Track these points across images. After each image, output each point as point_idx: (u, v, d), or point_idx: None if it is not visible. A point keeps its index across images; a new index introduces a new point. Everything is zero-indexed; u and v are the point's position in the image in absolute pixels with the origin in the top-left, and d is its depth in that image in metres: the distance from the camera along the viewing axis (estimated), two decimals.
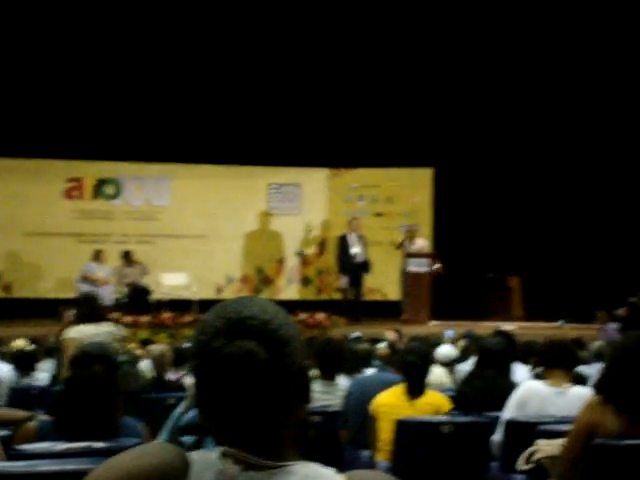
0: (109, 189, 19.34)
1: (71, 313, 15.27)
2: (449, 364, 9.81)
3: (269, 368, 1.65)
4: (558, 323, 16.53)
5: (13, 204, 18.58)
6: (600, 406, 4.35)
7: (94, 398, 4.04)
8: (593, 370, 8.56)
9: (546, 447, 4.74)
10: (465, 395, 6.63)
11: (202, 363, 1.68)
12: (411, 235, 17.60)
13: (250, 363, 1.65)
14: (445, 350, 10.22)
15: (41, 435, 4.03)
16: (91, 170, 19.18)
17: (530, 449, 4.88)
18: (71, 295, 16.87)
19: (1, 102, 17.80)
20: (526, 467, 4.89)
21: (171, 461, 1.64)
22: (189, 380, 5.64)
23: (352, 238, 17.62)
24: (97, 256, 17.02)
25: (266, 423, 1.68)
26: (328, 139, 18.87)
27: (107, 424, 4.04)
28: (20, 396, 8.92)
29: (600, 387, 4.63)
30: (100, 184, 19.30)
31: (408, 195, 19.94)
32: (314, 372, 6.92)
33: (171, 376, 8.87)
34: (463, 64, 18.48)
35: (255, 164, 19.27)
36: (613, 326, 14.84)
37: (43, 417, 4.44)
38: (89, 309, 8.47)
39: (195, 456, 1.68)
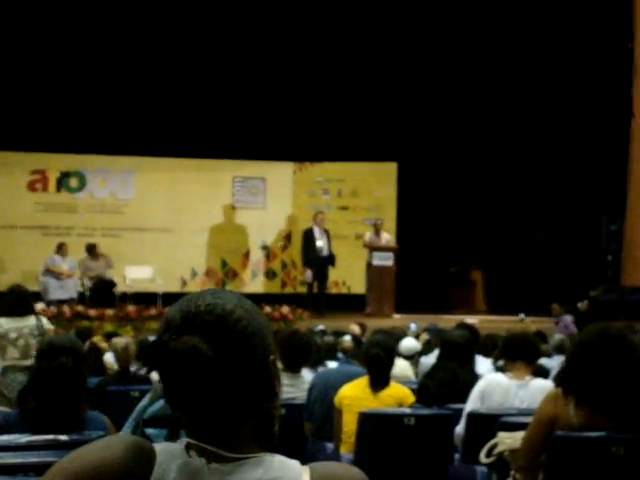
0: (73, 182, 19.24)
1: (37, 307, 15.25)
2: (412, 357, 9.87)
3: (216, 364, 1.65)
4: (519, 316, 16.66)
5: None
6: (560, 398, 4.39)
7: (61, 390, 4.03)
8: (554, 363, 8.64)
9: (507, 440, 4.79)
10: (428, 387, 6.67)
11: (151, 356, 1.70)
12: (377, 229, 17.65)
13: (193, 359, 1.64)
14: (408, 343, 10.27)
15: (4, 428, 4.02)
16: (55, 163, 19.07)
17: (492, 442, 4.93)
18: (35, 288, 16.79)
19: None
20: (488, 460, 4.93)
21: (135, 453, 1.64)
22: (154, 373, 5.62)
23: (317, 232, 17.65)
24: (61, 249, 16.93)
25: (225, 417, 1.68)
26: (293, 133, 18.87)
27: (73, 417, 4.04)
28: None
29: (561, 380, 4.69)
30: (64, 177, 19.19)
31: (372, 189, 19.99)
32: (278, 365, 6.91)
33: (135, 369, 8.86)
34: (426, 60, 18.53)
35: (220, 157, 19.24)
36: (568, 318, 14.99)
37: (5, 409, 4.42)
38: (14, 302, 8.34)
39: (159, 448, 1.68)
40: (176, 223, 19.37)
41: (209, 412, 1.68)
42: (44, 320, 8.57)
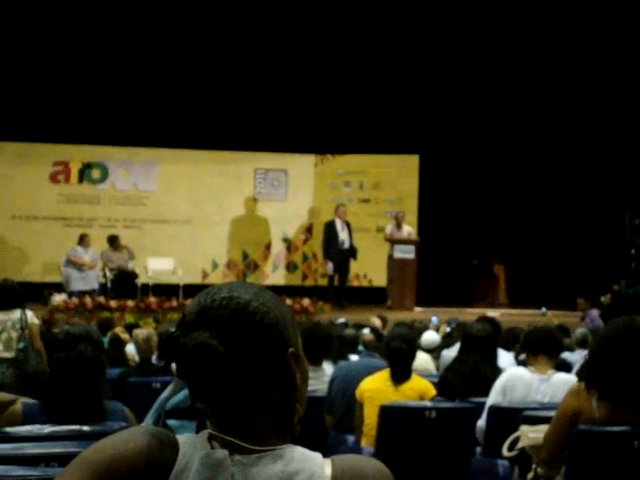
0: (95, 173, 19.29)
1: (59, 298, 15.33)
2: (433, 350, 9.85)
3: (226, 359, 1.65)
4: (541, 310, 16.59)
5: None
6: (583, 393, 4.37)
7: (82, 378, 4.04)
8: (577, 357, 8.60)
9: (530, 433, 4.77)
10: (449, 381, 6.66)
11: (164, 349, 1.71)
12: (398, 222, 17.64)
13: (201, 355, 1.65)
14: (430, 336, 10.25)
15: (27, 418, 4.03)
16: (77, 154, 19.12)
17: (514, 435, 4.91)
18: (57, 279, 16.87)
19: None
20: (510, 454, 4.92)
21: (160, 443, 1.65)
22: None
23: (338, 224, 17.63)
24: (83, 240, 16.97)
25: (242, 410, 1.69)
26: (315, 125, 18.86)
27: (94, 407, 4.04)
28: None
29: (583, 374, 4.66)
30: (86, 168, 19.24)
31: (394, 182, 19.95)
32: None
33: (156, 360, 8.89)
34: (449, 52, 18.47)
35: (242, 149, 19.25)
36: (595, 313, 14.92)
37: (29, 400, 4.43)
38: (2, 295, 8.49)
39: (182, 439, 1.68)
40: (198, 215, 19.39)
41: (226, 405, 1.69)
42: (29, 314, 8.64)
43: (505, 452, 4.93)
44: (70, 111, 18.13)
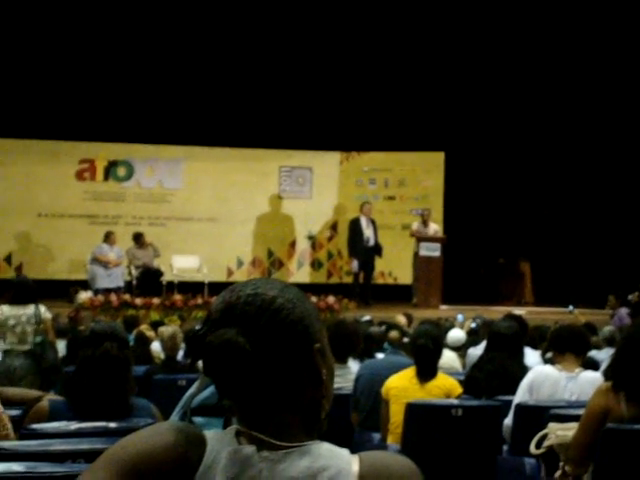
0: (121, 171, 19.36)
1: (85, 295, 15.39)
2: (459, 348, 9.82)
3: (253, 356, 1.64)
4: (568, 308, 16.49)
5: (25, 185, 18.61)
6: (611, 391, 4.36)
7: (108, 375, 4.05)
8: (604, 355, 8.55)
9: (558, 431, 4.74)
10: (476, 379, 6.63)
11: (189, 347, 1.70)
12: (424, 220, 17.60)
13: (228, 352, 1.64)
14: (456, 334, 10.23)
15: (53, 415, 4.04)
16: (103, 152, 19.19)
17: (542, 432, 4.89)
18: (83, 277, 16.94)
19: (15, 84, 17.80)
20: (537, 451, 4.89)
21: (187, 439, 1.64)
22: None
23: (364, 222, 17.62)
24: (108, 238, 17.03)
25: (269, 406, 1.68)
26: (340, 123, 18.85)
27: (120, 404, 4.05)
28: None
29: (610, 374, 4.63)
30: (112, 166, 19.32)
31: (420, 179, 19.92)
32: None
33: (182, 357, 8.90)
34: (475, 48, 18.41)
35: (267, 147, 19.28)
36: (624, 311, 14.83)
37: (54, 397, 4.44)
38: (16, 291, 8.93)
39: (210, 435, 1.68)
40: (223, 212, 19.42)
41: (253, 402, 1.68)
42: (42, 309, 8.96)
43: (533, 449, 4.90)
44: (95, 109, 18.20)
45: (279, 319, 1.68)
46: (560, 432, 4.72)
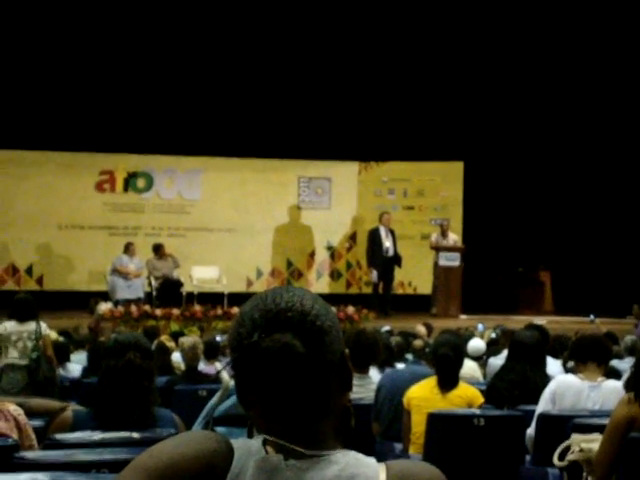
0: (140, 182, 19.41)
1: (105, 306, 15.43)
2: (480, 358, 9.79)
3: (307, 360, 1.65)
4: (589, 318, 16.38)
5: (45, 197, 18.70)
6: (634, 402, 4.34)
7: (131, 386, 4.05)
8: (626, 365, 8.51)
9: (582, 443, 4.71)
10: (498, 388, 6.61)
11: (241, 356, 1.68)
12: (443, 230, 17.59)
13: (288, 356, 1.64)
14: (476, 344, 10.20)
15: (76, 425, 4.05)
16: (123, 163, 19.26)
17: (565, 443, 4.86)
18: (103, 288, 16.97)
19: (35, 96, 17.90)
20: (561, 464, 4.86)
21: (214, 449, 1.64)
22: (225, 373, 5.65)
23: (383, 232, 17.60)
24: (128, 249, 17.06)
25: (308, 413, 1.67)
26: (358, 133, 18.85)
27: (143, 414, 4.06)
28: None
29: (630, 385, 4.62)
30: (131, 177, 19.37)
31: (439, 189, 19.90)
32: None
33: (203, 368, 8.92)
34: (494, 59, 18.40)
35: (286, 157, 19.30)
36: None
37: (78, 407, 4.45)
38: (18, 308, 9.45)
39: (237, 444, 1.67)
40: (242, 223, 19.44)
41: (294, 408, 1.67)
42: (43, 326, 9.43)
43: (556, 461, 4.88)
44: (115, 121, 18.27)
45: (319, 324, 1.68)
46: (584, 444, 4.69)
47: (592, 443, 4.64)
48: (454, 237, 17.56)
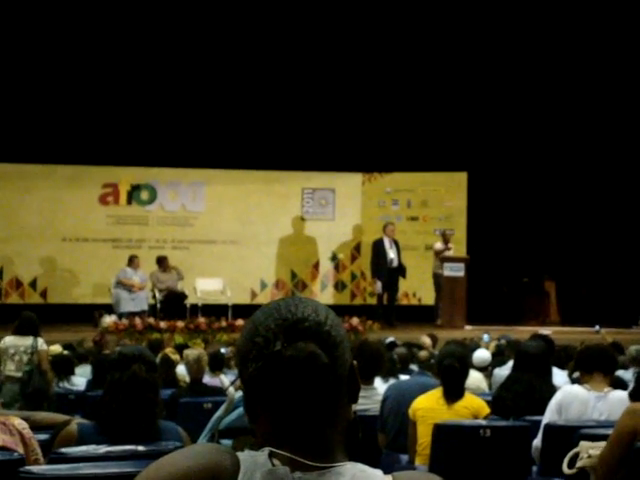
0: (144, 194, 19.42)
1: (109, 319, 15.45)
2: (485, 368, 9.77)
3: (328, 370, 1.65)
4: (595, 328, 16.34)
5: (49, 210, 18.71)
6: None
7: (136, 398, 4.04)
8: (631, 375, 8.49)
9: (590, 449, 4.70)
10: (503, 399, 6.59)
11: (262, 366, 1.66)
12: (446, 239, 17.60)
13: (313, 366, 1.64)
14: (481, 354, 10.17)
15: (81, 439, 4.03)
16: (126, 176, 19.27)
17: (574, 450, 4.85)
18: (107, 300, 16.97)
19: (37, 109, 17.93)
20: (570, 471, 4.85)
21: (221, 461, 1.63)
22: (231, 387, 5.64)
23: (387, 243, 17.59)
24: (132, 262, 17.07)
25: (320, 424, 1.67)
26: (362, 144, 18.86)
27: (149, 427, 4.04)
28: (58, 401, 9.01)
29: (634, 394, 4.61)
30: (135, 190, 19.38)
31: (442, 199, 19.89)
32: None
33: (208, 380, 8.90)
34: (498, 69, 18.40)
35: (289, 169, 19.32)
36: None
37: (83, 420, 4.44)
38: (19, 324, 10.16)
39: (243, 456, 1.66)
40: (246, 235, 19.44)
41: (305, 419, 1.66)
42: (40, 341, 10.05)
43: (565, 469, 4.86)
44: (118, 134, 18.29)
45: (334, 334, 1.69)
46: (592, 451, 4.68)
47: (600, 450, 4.63)
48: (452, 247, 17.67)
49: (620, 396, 5.73)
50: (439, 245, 17.66)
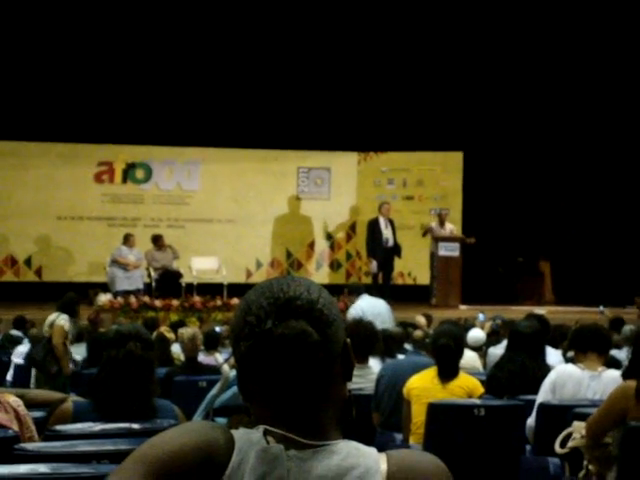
0: (139, 173, 19.40)
1: (104, 298, 15.46)
2: (480, 348, 9.80)
3: (320, 348, 1.65)
4: (599, 309, 16.22)
5: (44, 188, 18.68)
6: (632, 392, 4.36)
7: (132, 376, 4.05)
8: (625, 354, 8.51)
9: (583, 430, 4.73)
10: (497, 378, 6.61)
11: (253, 345, 1.67)
12: (441, 219, 17.57)
13: (303, 344, 1.64)
14: (476, 334, 10.20)
15: (77, 416, 4.04)
16: (121, 154, 19.25)
17: (566, 430, 4.87)
18: (102, 279, 16.97)
19: (32, 87, 17.87)
20: (562, 451, 4.87)
21: (215, 439, 1.64)
22: (226, 365, 5.65)
23: (382, 222, 17.57)
24: (127, 240, 17.04)
25: (311, 402, 1.67)
26: (358, 123, 18.83)
27: (144, 405, 4.05)
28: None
29: (626, 373, 4.63)
30: (130, 168, 19.36)
31: (438, 179, 19.88)
32: None
33: (203, 359, 8.92)
34: (494, 48, 18.36)
35: (285, 148, 19.29)
36: None
37: (78, 398, 4.45)
38: (63, 303, 10.92)
39: (238, 434, 1.67)
40: (241, 214, 19.44)
41: (298, 397, 1.67)
42: (61, 317, 10.50)
43: (557, 448, 4.89)
44: (113, 112, 18.24)
45: (327, 313, 1.69)
46: (584, 431, 4.70)
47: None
48: (451, 227, 17.53)
49: (614, 376, 5.75)
50: (433, 225, 17.63)
